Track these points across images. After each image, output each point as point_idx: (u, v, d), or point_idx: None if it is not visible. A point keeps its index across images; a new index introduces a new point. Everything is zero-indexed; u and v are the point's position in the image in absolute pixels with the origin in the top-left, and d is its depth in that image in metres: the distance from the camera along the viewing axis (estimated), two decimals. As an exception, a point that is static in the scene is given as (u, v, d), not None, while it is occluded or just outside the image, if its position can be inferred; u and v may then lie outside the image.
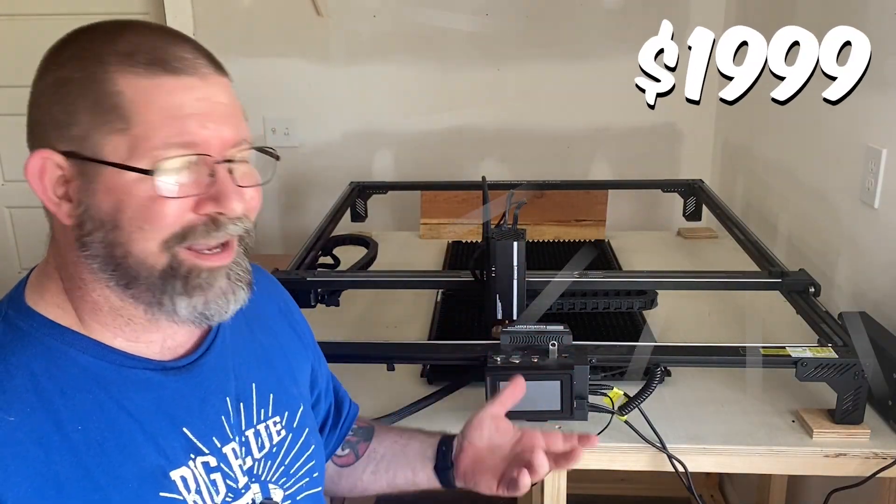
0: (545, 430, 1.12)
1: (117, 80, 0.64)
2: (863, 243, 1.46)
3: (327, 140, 2.46)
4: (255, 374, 0.82)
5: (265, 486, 0.79)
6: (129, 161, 0.64)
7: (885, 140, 1.37)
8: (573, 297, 1.32)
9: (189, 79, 0.66)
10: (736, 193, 2.18)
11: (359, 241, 1.65)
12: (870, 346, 1.12)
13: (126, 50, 0.64)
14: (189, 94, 0.65)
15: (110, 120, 0.64)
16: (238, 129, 0.69)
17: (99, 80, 0.64)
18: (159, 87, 0.64)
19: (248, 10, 2.35)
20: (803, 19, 1.73)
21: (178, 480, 0.70)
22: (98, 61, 0.64)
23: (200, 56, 0.67)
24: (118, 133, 0.64)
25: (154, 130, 0.64)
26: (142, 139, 0.64)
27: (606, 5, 2.30)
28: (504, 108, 2.40)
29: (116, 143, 0.64)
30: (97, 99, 0.64)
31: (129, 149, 0.64)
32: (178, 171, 0.65)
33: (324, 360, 0.99)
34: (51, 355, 0.67)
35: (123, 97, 0.64)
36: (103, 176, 0.64)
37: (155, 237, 0.65)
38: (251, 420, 0.79)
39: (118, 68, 0.64)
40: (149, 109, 0.64)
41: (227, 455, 0.75)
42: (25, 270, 2.91)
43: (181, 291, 0.68)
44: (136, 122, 0.64)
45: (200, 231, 0.67)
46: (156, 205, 0.64)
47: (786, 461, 1.11)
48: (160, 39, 0.66)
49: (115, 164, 0.64)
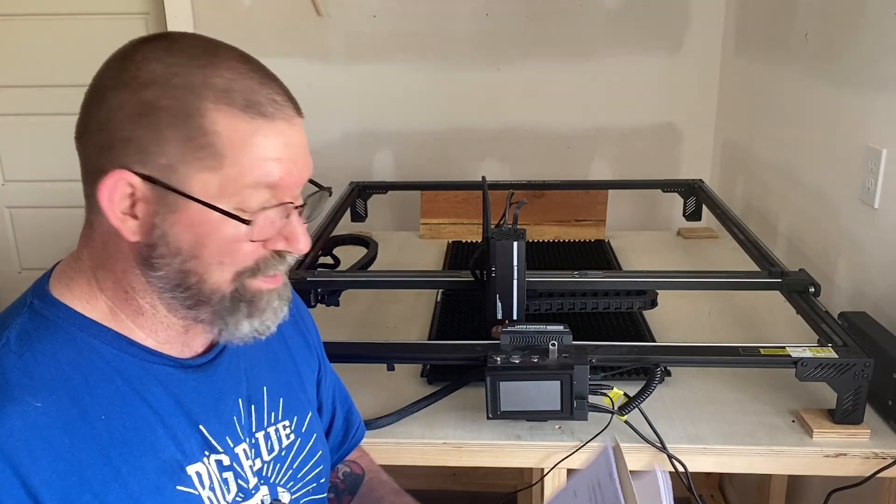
0: (544, 434, 1.13)
1: (215, 118, 0.64)
2: (863, 243, 1.46)
3: (327, 140, 2.46)
4: (266, 378, 0.82)
5: (273, 489, 0.80)
6: (216, 200, 0.65)
7: (885, 140, 1.38)
8: (573, 297, 1.32)
9: (280, 124, 0.67)
10: (736, 193, 2.18)
11: (359, 241, 1.65)
12: (870, 346, 1.13)
13: (222, 87, 0.65)
14: (279, 138, 0.67)
15: (203, 157, 0.64)
16: (309, 169, 0.71)
17: (194, 114, 0.64)
18: (256, 131, 0.65)
19: (248, 10, 2.35)
20: (803, 20, 1.73)
21: (193, 475, 0.71)
22: (193, 94, 0.64)
23: (287, 98, 0.69)
24: (209, 171, 0.65)
25: (246, 173, 0.65)
26: (232, 180, 0.65)
27: (606, 5, 2.30)
28: (504, 108, 2.40)
29: (207, 180, 0.65)
30: (191, 134, 0.64)
31: (218, 187, 0.65)
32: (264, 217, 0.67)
33: (330, 371, 0.99)
34: (76, 345, 0.68)
35: (220, 137, 0.64)
36: (188, 210, 0.65)
37: (230, 270, 0.68)
38: (262, 423, 0.80)
39: (216, 107, 0.64)
40: (243, 152, 0.65)
41: (238, 455, 0.76)
42: (26, 270, 2.91)
43: (247, 314, 0.71)
44: (230, 164, 0.65)
45: (270, 265, 0.70)
46: (237, 243, 0.67)
47: (786, 461, 1.11)
48: (253, 78, 0.67)
49: (205, 202, 0.65)
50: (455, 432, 1.14)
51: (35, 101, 2.49)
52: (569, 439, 1.12)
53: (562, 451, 1.11)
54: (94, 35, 2.34)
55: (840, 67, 1.55)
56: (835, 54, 1.58)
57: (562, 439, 1.12)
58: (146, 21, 2.41)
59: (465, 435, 1.14)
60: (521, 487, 1.86)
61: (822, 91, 1.63)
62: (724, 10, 2.29)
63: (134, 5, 2.39)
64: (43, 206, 2.56)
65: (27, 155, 2.54)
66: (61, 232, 2.50)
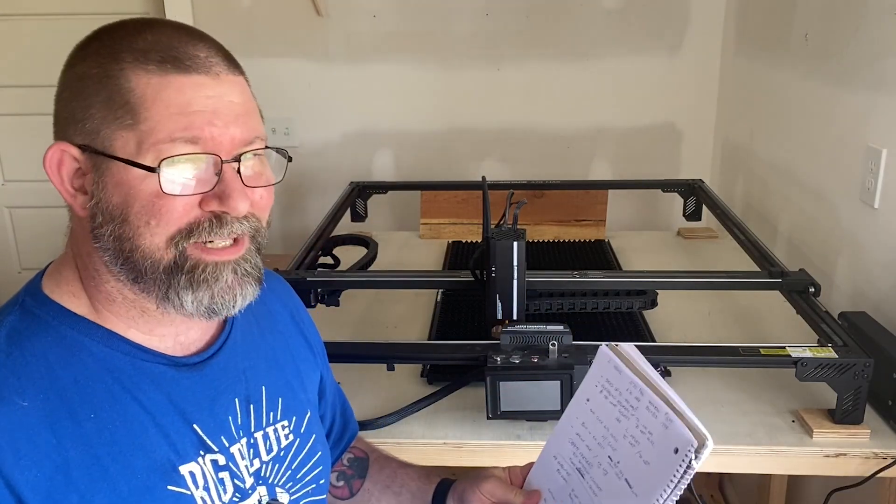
0: (545, 434, 1.13)
1: (130, 76, 0.65)
2: (863, 243, 1.46)
3: (327, 140, 2.46)
4: (265, 377, 0.82)
5: (272, 489, 0.79)
6: (136, 157, 0.65)
7: (885, 140, 1.38)
8: (573, 297, 1.32)
9: (199, 77, 0.66)
10: (736, 193, 2.18)
11: (359, 241, 1.65)
12: (870, 346, 1.13)
13: (142, 47, 0.66)
14: (198, 91, 0.66)
15: (120, 115, 0.65)
16: (249, 129, 0.69)
17: (113, 76, 0.65)
18: (169, 84, 0.65)
19: (248, 10, 2.35)
20: (803, 20, 1.73)
21: (186, 475, 0.70)
22: (114, 58, 0.66)
23: (215, 55, 0.68)
24: (127, 128, 0.65)
25: (160, 126, 0.64)
26: (148, 135, 0.64)
27: (606, 5, 2.30)
28: (504, 108, 2.41)
29: (126, 138, 0.65)
30: (110, 95, 0.65)
31: (136, 144, 0.65)
32: (182, 169, 0.65)
33: (331, 372, 0.99)
34: (66, 344, 0.67)
35: (134, 94, 0.65)
36: (112, 170, 0.65)
37: (161, 233, 0.66)
38: (260, 422, 0.80)
39: (132, 65, 0.65)
40: (156, 106, 0.64)
41: (234, 455, 0.76)
42: (25, 270, 2.91)
43: (186, 286, 0.68)
44: (144, 119, 0.64)
45: (205, 228, 0.67)
46: (161, 201, 0.65)
47: (786, 461, 1.11)
48: (177, 38, 0.67)
49: (123, 159, 0.65)
50: (455, 432, 1.14)
51: (35, 101, 2.48)
52: (569, 439, 1.12)
53: (562, 451, 1.11)
54: (94, 35, 2.38)
55: (840, 67, 1.55)
56: (835, 54, 1.58)
57: (562, 439, 1.12)
58: (146, 21, 2.41)
59: (465, 435, 1.14)
60: (521, 487, 1.85)
61: (822, 91, 1.63)
62: (724, 10, 2.29)
63: (134, 5, 2.40)
64: (43, 206, 2.56)
65: (27, 155, 2.54)
66: (61, 232, 2.49)
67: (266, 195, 0.72)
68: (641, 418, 0.70)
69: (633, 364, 0.74)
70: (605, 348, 0.78)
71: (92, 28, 0.70)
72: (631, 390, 0.73)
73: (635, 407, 0.72)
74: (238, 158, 0.68)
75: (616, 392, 0.75)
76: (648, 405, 0.70)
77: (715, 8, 2.29)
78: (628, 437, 0.72)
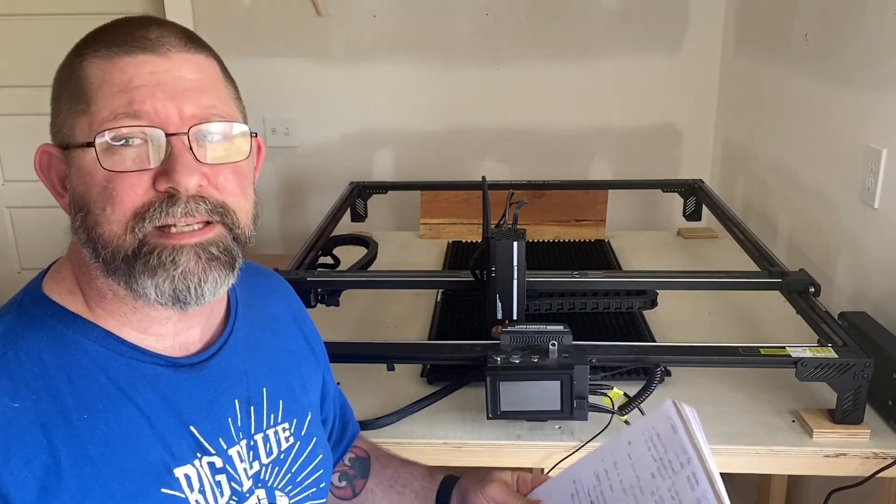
0: (545, 434, 1.13)
1: (85, 66, 0.66)
2: (863, 243, 1.46)
3: (327, 140, 2.46)
4: (266, 379, 0.81)
5: (271, 493, 0.79)
6: (88, 139, 0.65)
7: (885, 140, 1.37)
8: (573, 297, 1.32)
9: (145, 55, 0.65)
10: (736, 193, 2.18)
11: (359, 241, 1.65)
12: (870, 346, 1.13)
13: (98, 37, 0.67)
14: (140, 67, 0.65)
15: (76, 104, 0.66)
16: (204, 105, 0.67)
17: (74, 71, 0.67)
18: (114, 66, 0.65)
19: (248, 10, 2.35)
20: (803, 20, 1.73)
21: (181, 478, 0.69)
22: (76, 54, 0.67)
23: (168, 35, 0.67)
24: (81, 115, 0.66)
25: (104, 105, 0.64)
26: (95, 116, 0.65)
27: (607, 5, 2.30)
28: (504, 108, 2.41)
29: (81, 124, 0.66)
30: (72, 88, 0.67)
31: (88, 128, 0.65)
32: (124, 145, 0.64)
33: (331, 374, 0.99)
34: (61, 343, 0.67)
35: (86, 80, 0.66)
36: (76, 160, 0.66)
37: (117, 219, 0.65)
38: (261, 424, 0.79)
39: (87, 57, 0.66)
40: (102, 88, 0.65)
41: (232, 457, 0.75)
42: (25, 270, 2.91)
43: (142, 271, 0.66)
44: (92, 101, 0.65)
45: (158, 209, 0.65)
46: (111, 184, 0.64)
47: (786, 461, 1.11)
48: (135, 26, 0.67)
49: (76, 144, 0.66)
50: (455, 432, 1.14)
51: (35, 101, 2.47)
52: (569, 439, 1.12)
53: (562, 451, 1.11)
54: (94, 35, 2.38)
55: (840, 67, 1.55)
56: (835, 54, 1.58)
57: (562, 439, 1.12)
58: (146, 21, 2.41)
59: (465, 435, 1.14)
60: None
61: (823, 91, 1.63)
62: (724, 10, 2.29)
63: (134, 5, 2.40)
64: (43, 206, 2.55)
65: (27, 155, 2.52)
66: (61, 232, 2.50)
67: (232, 178, 0.69)
68: (678, 484, 0.69)
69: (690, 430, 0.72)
70: (669, 404, 0.76)
71: (92, 28, 0.70)
72: (678, 454, 0.71)
73: (676, 471, 0.70)
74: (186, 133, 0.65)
75: (662, 449, 0.73)
76: (690, 476, 0.68)
77: (715, 8, 2.29)
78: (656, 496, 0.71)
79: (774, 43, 1.91)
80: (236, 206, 0.69)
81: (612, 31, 2.32)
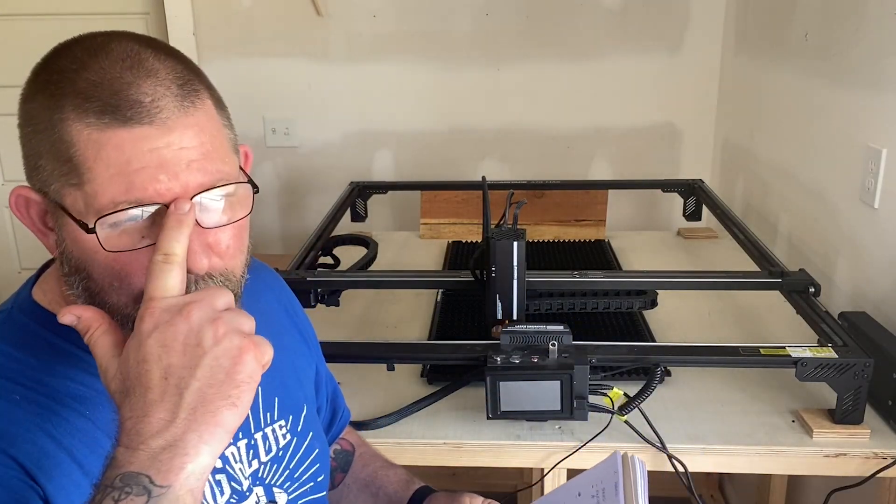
0: (545, 434, 1.13)
1: (70, 129, 0.59)
2: (863, 243, 1.46)
3: (327, 140, 2.46)
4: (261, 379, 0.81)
5: (269, 490, 0.79)
6: (84, 217, 0.60)
7: (885, 140, 1.37)
8: (573, 297, 1.32)
9: (142, 129, 0.59)
10: (736, 193, 2.18)
11: (359, 241, 1.65)
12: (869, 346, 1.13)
13: (83, 91, 0.59)
14: (140, 145, 0.59)
15: (66, 172, 0.60)
16: (210, 171, 0.62)
17: (56, 126, 0.60)
18: (108, 140, 0.59)
19: (248, 10, 2.35)
20: (803, 19, 1.73)
21: None
22: (57, 105, 0.60)
23: (164, 95, 0.60)
24: (73, 187, 0.60)
25: (102, 190, 0.59)
26: (92, 198, 0.59)
27: (606, 5, 2.30)
28: (504, 108, 2.40)
29: (74, 196, 0.61)
30: (55, 147, 0.60)
31: (84, 205, 0.60)
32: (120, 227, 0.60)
33: (324, 362, 0.99)
34: (53, 352, 0.67)
35: (76, 149, 0.59)
36: (69, 227, 0.62)
37: (125, 293, 0.63)
38: (259, 423, 0.79)
39: (72, 115, 0.59)
40: (98, 166, 0.59)
41: (229, 457, 0.75)
42: (25, 270, 2.89)
43: None
44: (87, 179, 0.59)
45: None
46: (118, 263, 0.61)
47: (786, 461, 1.11)
48: (122, 75, 0.60)
49: (75, 218, 0.61)
50: (455, 432, 1.14)
51: (35, 101, 2.49)
52: (569, 439, 1.12)
53: (562, 451, 1.11)
54: (94, 35, 2.38)
55: (840, 67, 1.55)
56: (835, 54, 1.57)
57: (562, 439, 1.12)
58: (146, 21, 2.41)
59: (465, 435, 1.14)
60: (521, 487, 1.85)
61: (822, 91, 1.63)
62: (724, 10, 2.29)
63: (134, 5, 2.39)
64: (43, 206, 2.56)
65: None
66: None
67: (234, 239, 0.66)
68: None
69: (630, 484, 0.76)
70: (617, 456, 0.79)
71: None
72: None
73: None
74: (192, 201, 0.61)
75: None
76: None
77: (715, 8, 2.29)
78: None
79: (774, 43, 1.91)
80: (236, 266, 0.68)
81: (611, 31, 2.32)
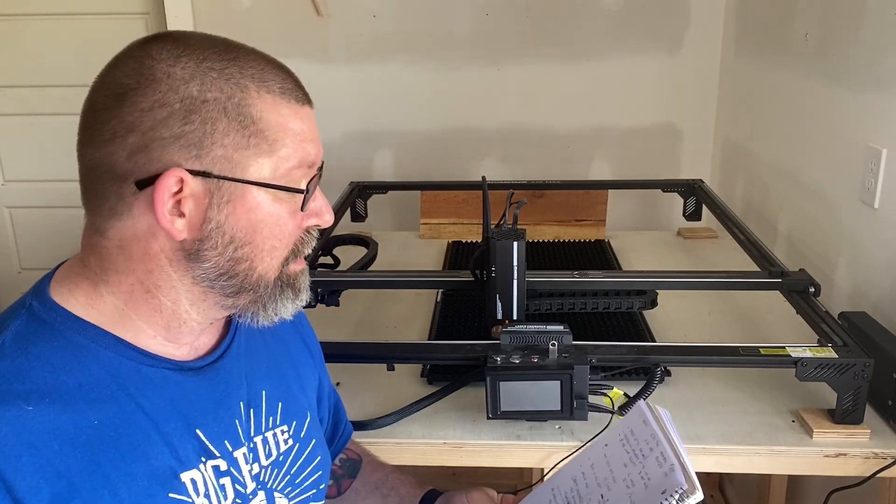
0: (545, 434, 1.13)
1: (260, 105, 0.68)
2: (863, 243, 1.46)
3: (327, 140, 2.45)
4: (265, 382, 0.82)
5: (270, 495, 0.79)
6: (271, 182, 0.69)
7: (885, 140, 1.38)
8: (573, 297, 1.32)
9: (306, 108, 0.73)
10: (736, 193, 2.18)
11: (359, 241, 1.65)
12: (870, 346, 1.13)
13: (258, 76, 0.69)
14: (308, 121, 0.73)
15: (257, 143, 0.68)
16: None
17: (241, 103, 0.67)
18: (293, 115, 0.70)
19: (248, 10, 2.35)
20: (803, 20, 1.73)
21: (187, 482, 0.70)
22: (236, 85, 0.67)
23: (302, 87, 0.75)
24: (264, 155, 0.68)
25: (292, 154, 0.70)
26: (282, 162, 0.69)
27: (606, 5, 2.30)
28: (504, 108, 2.41)
29: (262, 164, 0.68)
30: (243, 122, 0.67)
31: (271, 170, 0.69)
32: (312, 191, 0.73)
33: (328, 374, 0.99)
34: (72, 349, 0.67)
35: (268, 123, 0.68)
36: (245, 196, 0.68)
37: (279, 255, 0.72)
38: (260, 427, 0.79)
39: (259, 94, 0.68)
40: (288, 135, 0.70)
41: (237, 459, 0.75)
42: (25, 270, 2.90)
43: (292, 297, 0.75)
44: (280, 147, 0.69)
45: (306, 244, 0.75)
46: (281, 225, 0.71)
47: (786, 461, 1.11)
48: (274, 68, 0.72)
49: (268, 184, 0.69)
50: (455, 432, 1.14)
51: (35, 101, 2.49)
52: (569, 439, 1.12)
53: (562, 451, 1.11)
54: (94, 35, 2.34)
55: (840, 67, 1.55)
56: (835, 54, 1.58)
57: (562, 439, 1.12)
58: (146, 21, 2.41)
59: (465, 435, 1.14)
60: (521, 487, 1.85)
61: (823, 91, 1.63)
62: (724, 11, 2.29)
63: (134, 5, 2.40)
64: (43, 206, 2.56)
65: (27, 155, 2.54)
66: (61, 232, 2.50)
67: None
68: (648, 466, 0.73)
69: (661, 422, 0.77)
70: (642, 403, 0.81)
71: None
72: (648, 441, 0.75)
73: (646, 455, 0.74)
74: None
75: (634, 441, 0.77)
76: (659, 456, 0.73)
77: (715, 8, 2.29)
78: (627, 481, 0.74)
79: (774, 43, 1.91)
80: None
81: (612, 31, 2.32)
